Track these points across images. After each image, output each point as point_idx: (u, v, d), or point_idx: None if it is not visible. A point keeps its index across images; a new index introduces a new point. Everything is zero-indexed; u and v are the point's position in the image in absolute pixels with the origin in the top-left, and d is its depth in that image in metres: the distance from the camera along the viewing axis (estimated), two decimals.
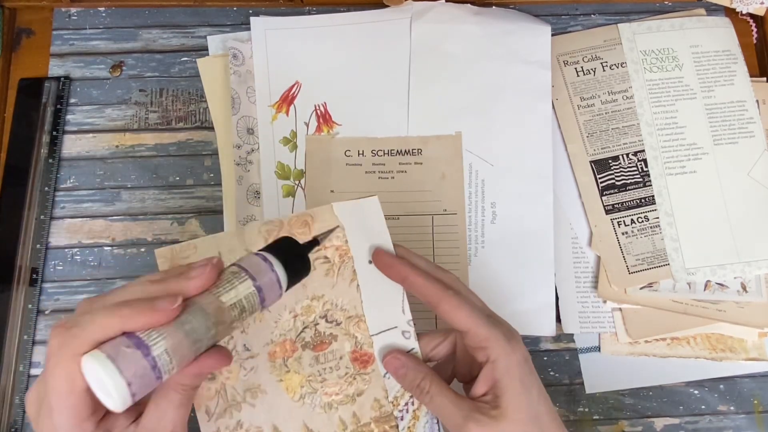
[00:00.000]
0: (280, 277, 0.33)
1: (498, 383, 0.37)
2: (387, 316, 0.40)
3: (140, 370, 0.28)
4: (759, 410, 0.53)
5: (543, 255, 0.54)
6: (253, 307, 0.32)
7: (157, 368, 0.29)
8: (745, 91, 0.58)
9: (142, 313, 0.29)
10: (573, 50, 0.60)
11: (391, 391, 0.40)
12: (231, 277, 0.32)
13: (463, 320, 0.38)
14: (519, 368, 0.37)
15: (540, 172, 0.55)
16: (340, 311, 0.40)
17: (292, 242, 0.35)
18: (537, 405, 0.37)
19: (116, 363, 0.28)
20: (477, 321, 0.38)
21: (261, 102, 0.57)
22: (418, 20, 0.58)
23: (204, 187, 0.57)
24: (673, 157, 0.57)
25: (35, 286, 0.55)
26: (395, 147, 0.56)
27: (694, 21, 0.60)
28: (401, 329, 0.40)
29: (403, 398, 0.39)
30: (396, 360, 0.39)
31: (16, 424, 0.52)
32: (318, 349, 0.40)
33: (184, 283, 0.31)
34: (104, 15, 0.61)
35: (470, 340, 0.38)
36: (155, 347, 0.29)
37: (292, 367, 0.40)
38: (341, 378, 0.40)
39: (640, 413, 0.53)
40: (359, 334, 0.40)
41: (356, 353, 0.40)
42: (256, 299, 0.32)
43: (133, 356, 0.28)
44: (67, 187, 0.57)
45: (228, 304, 0.31)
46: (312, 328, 0.40)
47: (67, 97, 0.59)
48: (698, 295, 0.54)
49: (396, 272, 0.39)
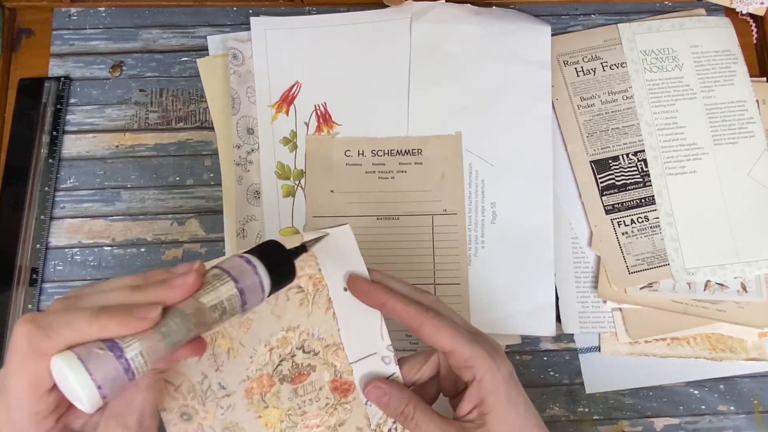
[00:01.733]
0: (263, 280, 0.33)
1: (484, 401, 0.36)
2: (365, 342, 0.39)
3: (112, 372, 0.27)
4: (759, 410, 0.53)
5: (543, 255, 0.54)
6: (234, 310, 0.32)
7: (131, 370, 0.28)
8: (745, 91, 0.58)
9: (122, 322, 0.28)
10: (573, 50, 0.60)
11: (373, 419, 0.39)
12: (212, 280, 0.31)
13: (446, 341, 0.37)
14: (505, 385, 0.37)
15: (540, 172, 0.55)
16: (317, 341, 0.39)
17: (278, 246, 0.35)
18: (524, 419, 0.37)
19: (87, 365, 0.27)
20: (460, 341, 0.37)
21: (261, 102, 0.57)
22: (418, 20, 0.58)
23: (204, 187, 0.57)
24: (673, 157, 0.57)
25: (35, 286, 0.55)
26: (395, 147, 0.56)
27: (694, 21, 0.60)
28: (381, 355, 0.39)
29: (386, 425, 0.39)
30: (377, 389, 0.38)
31: None
32: (296, 381, 0.39)
33: (166, 293, 0.30)
34: (104, 15, 0.61)
35: (455, 360, 0.38)
36: (129, 349, 0.28)
37: (270, 402, 0.39)
38: (322, 409, 0.39)
39: (640, 413, 0.53)
40: (338, 362, 0.39)
41: (336, 382, 0.39)
42: (238, 302, 0.32)
43: (105, 358, 0.27)
44: (67, 187, 0.57)
45: (208, 305, 0.30)
46: (289, 360, 0.39)
47: (67, 97, 0.59)
48: (698, 295, 0.54)
49: (373, 299, 0.39)
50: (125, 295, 0.30)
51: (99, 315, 0.28)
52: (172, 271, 0.31)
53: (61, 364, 0.27)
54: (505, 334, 0.54)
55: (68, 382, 0.27)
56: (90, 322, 0.28)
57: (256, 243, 0.53)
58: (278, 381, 0.39)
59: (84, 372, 0.27)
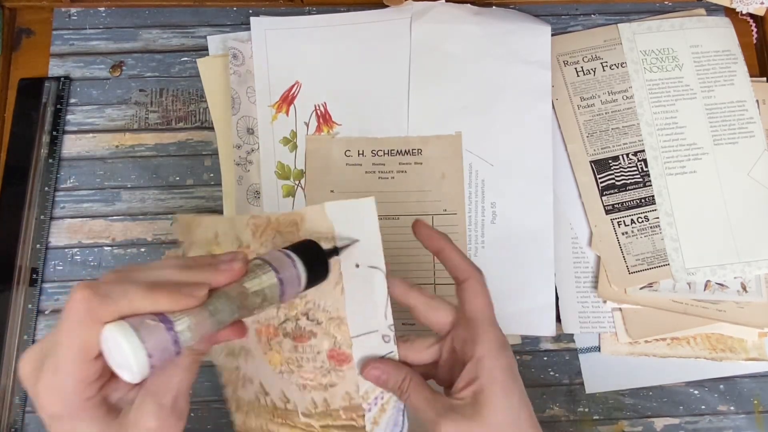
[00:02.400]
0: (300, 274, 0.34)
1: (478, 380, 0.37)
2: (369, 319, 0.40)
3: (161, 344, 0.28)
4: (759, 410, 0.53)
5: (543, 255, 0.54)
6: (274, 298, 0.33)
7: (178, 343, 0.29)
8: (745, 91, 0.58)
9: (173, 298, 0.29)
10: (573, 50, 0.60)
11: (362, 387, 0.40)
12: (255, 269, 0.33)
13: (478, 306, 0.39)
14: (502, 373, 0.37)
15: (540, 172, 0.55)
16: (321, 312, 0.40)
17: (315, 246, 0.37)
18: (518, 411, 0.37)
19: (140, 334, 0.28)
20: (487, 314, 0.39)
21: (261, 102, 0.57)
22: (418, 20, 0.58)
23: (204, 187, 0.57)
24: (673, 157, 0.57)
25: (35, 286, 0.55)
26: (395, 147, 0.56)
27: (694, 21, 0.60)
28: (381, 333, 0.40)
29: (373, 393, 0.40)
30: (375, 370, 0.39)
31: (16, 424, 0.52)
32: (297, 340, 0.41)
33: (213, 276, 0.31)
34: (104, 15, 0.61)
35: (465, 331, 0.39)
36: (178, 323, 0.29)
37: (274, 347, 0.41)
38: (317, 369, 0.41)
39: (640, 413, 0.53)
40: (339, 335, 0.40)
41: (334, 351, 0.40)
42: (277, 291, 0.33)
43: (156, 329, 0.29)
44: (67, 187, 0.57)
45: (251, 291, 0.32)
46: (293, 321, 0.41)
47: (67, 97, 0.59)
48: (698, 295, 0.54)
49: (434, 242, 0.41)
50: (175, 274, 0.31)
51: (152, 289, 0.29)
52: (218, 257, 0.33)
53: (115, 332, 0.28)
54: (505, 334, 0.53)
55: (120, 350, 0.28)
56: (144, 295, 0.29)
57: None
58: (282, 335, 0.41)
59: (137, 340, 0.28)
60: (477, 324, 0.38)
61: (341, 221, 0.39)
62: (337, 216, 0.39)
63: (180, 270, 0.31)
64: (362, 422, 0.40)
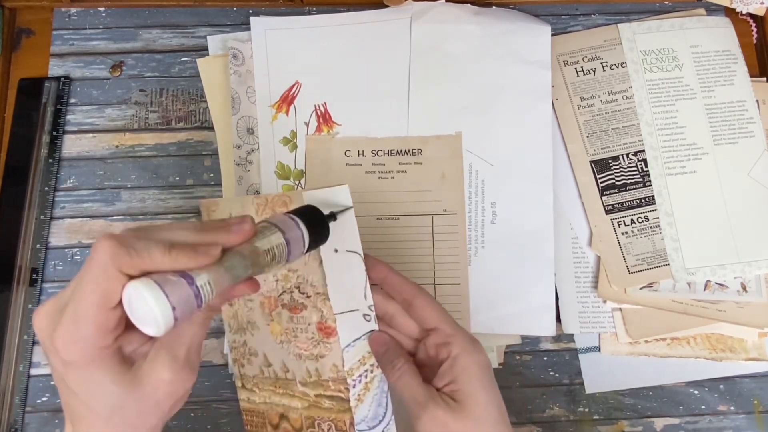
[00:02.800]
0: (305, 235, 0.37)
1: (457, 379, 0.39)
2: (349, 299, 0.43)
3: (184, 297, 0.30)
4: (759, 410, 0.53)
5: (543, 255, 0.54)
6: (281, 257, 0.36)
7: (200, 297, 0.31)
8: (745, 91, 0.58)
9: (190, 257, 0.31)
10: (573, 50, 0.60)
11: (347, 363, 0.43)
12: (263, 230, 0.35)
13: (433, 317, 0.41)
14: (479, 368, 0.39)
15: (540, 172, 0.55)
16: (310, 286, 0.44)
17: (315, 211, 0.39)
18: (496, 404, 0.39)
19: (165, 290, 0.29)
20: (445, 319, 0.41)
21: (261, 102, 0.57)
22: (418, 20, 0.58)
23: (204, 187, 0.57)
24: (673, 157, 0.57)
25: (35, 286, 0.55)
26: (395, 147, 0.56)
27: (694, 21, 0.60)
28: (362, 312, 0.42)
29: (357, 371, 0.43)
30: (381, 337, 0.42)
31: (16, 424, 0.52)
32: (293, 311, 0.45)
33: (226, 236, 0.33)
34: (104, 15, 0.61)
35: (436, 337, 0.41)
36: (198, 278, 0.31)
37: (275, 318, 0.46)
38: (309, 339, 0.44)
39: (640, 413, 0.53)
40: (325, 309, 0.43)
41: (321, 324, 0.44)
42: (285, 250, 0.36)
43: (178, 284, 0.30)
44: (67, 187, 0.57)
45: (262, 249, 0.34)
46: (289, 293, 0.45)
47: (67, 97, 0.59)
48: (698, 295, 0.54)
49: (376, 271, 0.42)
50: (190, 235, 0.32)
51: (171, 249, 0.31)
52: (228, 221, 0.34)
53: (141, 287, 0.29)
54: (505, 334, 0.54)
55: (146, 305, 0.29)
56: (163, 253, 0.30)
57: None
58: (281, 306, 0.45)
59: (163, 295, 0.29)
60: (443, 329, 0.41)
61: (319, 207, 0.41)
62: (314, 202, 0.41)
63: (194, 232, 0.33)
64: (348, 395, 0.43)
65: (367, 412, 0.43)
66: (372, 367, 0.43)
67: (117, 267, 0.30)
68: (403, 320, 0.42)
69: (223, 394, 0.53)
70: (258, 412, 0.48)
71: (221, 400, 0.53)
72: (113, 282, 0.30)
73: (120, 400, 0.32)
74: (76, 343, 0.31)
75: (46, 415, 0.52)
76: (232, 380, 0.53)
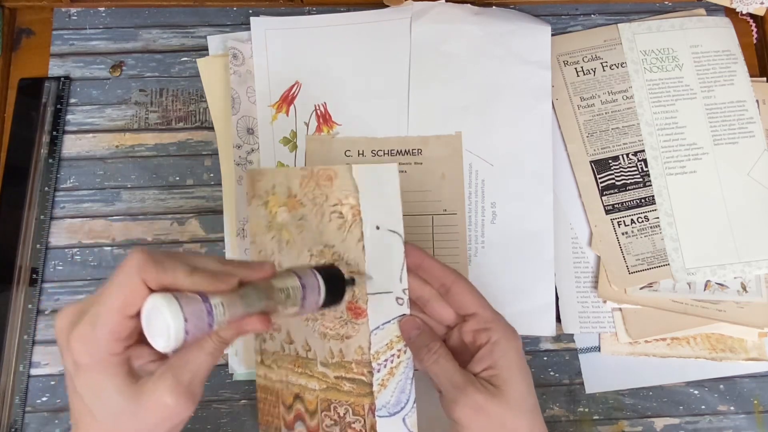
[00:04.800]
0: (320, 286, 0.38)
1: (496, 364, 0.39)
2: (385, 280, 0.42)
3: (197, 311, 0.31)
4: (759, 410, 0.53)
5: (543, 255, 0.54)
6: (296, 299, 0.37)
7: (212, 315, 0.32)
8: (745, 91, 0.58)
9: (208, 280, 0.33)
10: (573, 50, 0.60)
11: (374, 346, 0.43)
12: (282, 273, 0.37)
13: (473, 302, 0.42)
14: (517, 354, 0.40)
15: (540, 172, 0.55)
16: (345, 264, 0.43)
17: (336, 272, 0.40)
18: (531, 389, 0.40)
19: (179, 300, 0.31)
20: (485, 305, 0.42)
21: (261, 102, 0.57)
22: (418, 20, 0.58)
23: (204, 187, 0.57)
24: (673, 157, 0.57)
25: (35, 286, 0.55)
26: (395, 147, 0.56)
27: (694, 21, 0.60)
28: (395, 295, 0.42)
29: (384, 355, 0.43)
30: (414, 321, 0.42)
31: (16, 424, 0.52)
32: None
33: (245, 271, 0.35)
34: (104, 15, 0.61)
35: (475, 323, 0.41)
36: (213, 298, 0.32)
37: None
38: (337, 319, 0.44)
39: (640, 413, 0.53)
40: (357, 289, 0.43)
41: (351, 304, 0.43)
42: (299, 294, 0.37)
43: (194, 300, 0.32)
44: (67, 187, 0.57)
45: (277, 286, 0.36)
46: None
47: (67, 97, 0.59)
48: (698, 295, 0.54)
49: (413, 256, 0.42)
50: (213, 264, 0.34)
51: (194, 271, 0.33)
52: (250, 262, 0.37)
53: (159, 299, 0.31)
54: None
55: (160, 317, 0.31)
56: (186, 274, 0.32)
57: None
58: None
59: (177, 305, 0.31)
60: (483, 315, 0.41)
61: (366, 183, 0.42)
62: (363, 178, 0.42)
63: (218, 263, 0.35)
64: (371, 379, 0.42)
65: (389, 398, 0.42)
66: (399, 352, 0.42)
67: (142, 277, 0.32)
68: (438, 305, 0.43)
69: (223, 394, 0.53)
70: (273, 390, 0.48)
71: (221, 400, 0.53)
72: (136, 291, 0.32)
73: (120, 409, 0.33)
74: (89, 345, 0.33)
75: (46, 415, 0.52)
76: (232, 380, 0.53)
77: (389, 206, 0.42)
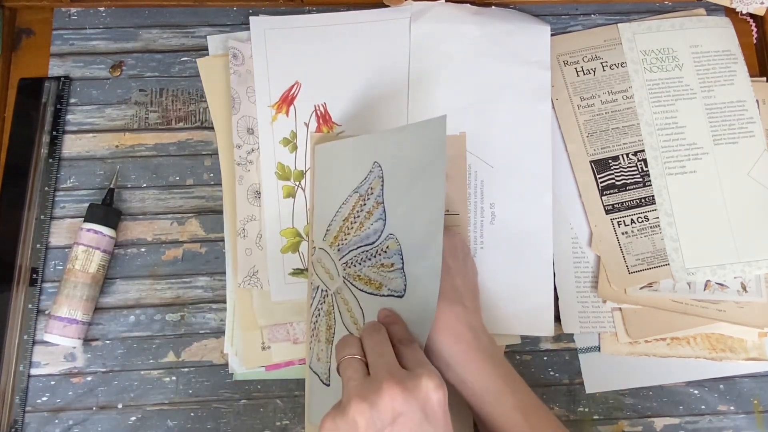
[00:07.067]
0: None
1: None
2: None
3: None
4: (759, 410, 0.53)
5: (542, 255, 0.54)
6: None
7: None
8: (745, 91, 0.58)
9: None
10: (573, 50, 0.60)
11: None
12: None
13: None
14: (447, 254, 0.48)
15: (539, 173, 0.55)
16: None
17: None
18: (455, 287, 0.47)
19: None
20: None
21: (261, 102, 0.57)
22: (417, 20, 0.58)
23: (204, 187, 0.57)
24: (673, 157, 0.57)
25: (35, 286, 0.55)
26: None
27: (694, 21, 0.60)
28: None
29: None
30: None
31: (16, 423, 0.52)
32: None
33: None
34: (104, 15, 0.61)
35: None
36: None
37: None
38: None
39: (640, 413, 0.53)
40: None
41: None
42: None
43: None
44: (67, 187, 0.57)
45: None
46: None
47: (67, 97, 0.59)
48: (698, 295, 0.54)
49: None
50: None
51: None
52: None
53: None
54: (505, 334, 0.54)
55: None
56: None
57: (256, 243, 0.53)
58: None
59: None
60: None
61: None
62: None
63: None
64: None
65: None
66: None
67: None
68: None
69: (223, 394, 0.53)
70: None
71: (221, 400, 0.53)
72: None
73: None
74: None
75: (46, 415, 0.52)
76: (232, 380, 0.53)
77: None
